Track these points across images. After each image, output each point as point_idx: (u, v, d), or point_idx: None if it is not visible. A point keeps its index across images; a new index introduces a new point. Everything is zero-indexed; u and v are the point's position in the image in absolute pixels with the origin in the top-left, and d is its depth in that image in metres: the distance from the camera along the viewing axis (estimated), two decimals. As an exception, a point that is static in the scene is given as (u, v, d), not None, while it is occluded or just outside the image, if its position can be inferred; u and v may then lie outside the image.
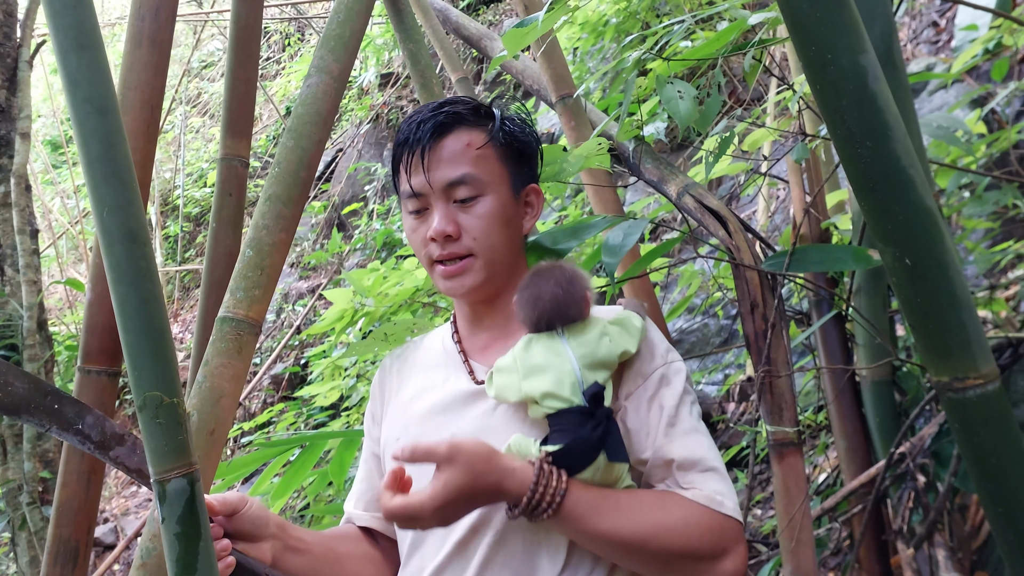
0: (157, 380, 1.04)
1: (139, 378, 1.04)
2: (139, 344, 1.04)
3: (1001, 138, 2.50)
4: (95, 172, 1.04)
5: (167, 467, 1.04)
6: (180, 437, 1.04)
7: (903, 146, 1.19)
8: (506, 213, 1.38)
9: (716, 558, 1.19)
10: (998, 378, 1.24)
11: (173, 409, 1.04)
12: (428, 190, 1.35)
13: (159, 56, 1.83)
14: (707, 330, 4.47)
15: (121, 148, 1.06)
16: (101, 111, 1.05)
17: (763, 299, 1.76)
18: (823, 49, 1.18)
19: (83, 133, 1.05)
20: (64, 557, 1.78)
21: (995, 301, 2.53)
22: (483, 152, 1.37)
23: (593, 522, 1.16)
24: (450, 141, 1.36)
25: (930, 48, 4.87)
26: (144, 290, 1.05)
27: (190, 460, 1.06)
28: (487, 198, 1.35)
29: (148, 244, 1.08)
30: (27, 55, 3.73)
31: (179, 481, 1.05)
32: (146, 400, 1.02)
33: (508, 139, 1.40)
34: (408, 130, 1.38)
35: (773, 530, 3.01)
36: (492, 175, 1.37)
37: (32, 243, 3.71)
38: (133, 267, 1.05)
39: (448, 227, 1.33)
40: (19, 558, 3.63)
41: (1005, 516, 1.27)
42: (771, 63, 2.18)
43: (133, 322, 1.05)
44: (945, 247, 1.22)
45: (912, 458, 2.13)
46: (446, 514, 1.14)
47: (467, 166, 1.35)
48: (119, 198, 1.05)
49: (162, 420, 1.03)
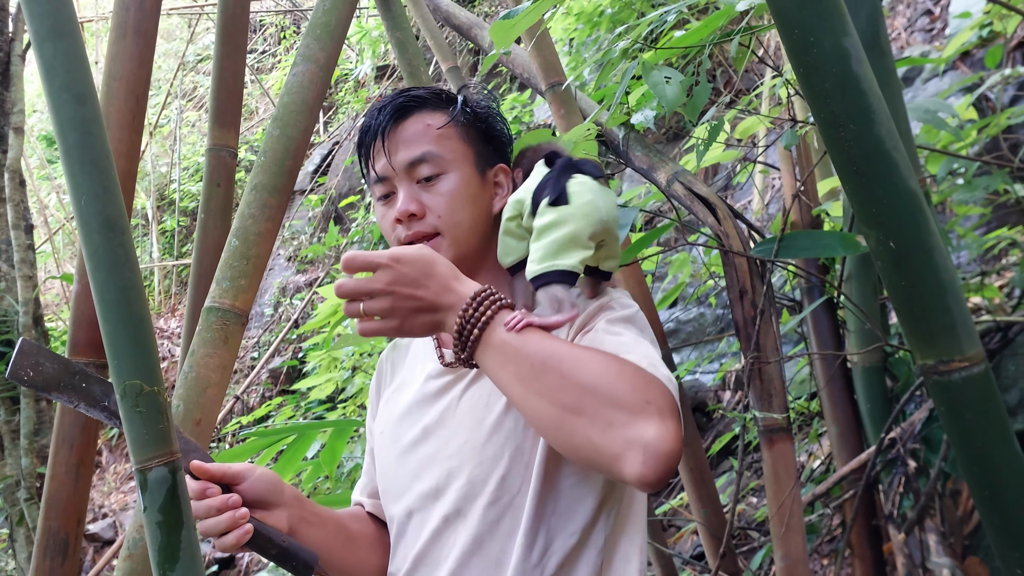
0: (137, 368, 1.03)
1: (119, 367, 1.03)
2: (118, 332, 1.03)
3: (991, 124, 2.49)
4: (72, 160, 1.03)
5: (148, 455, 1.03)
6: (161, 426, 1.03)
7: (887, 129, 1.19)
8: (470, 191, 1.37)
9: (639, 412, 1.04)
10: (984, 361, 1.23)
11: (154, 398, 1.02)
12: (391, 172, 1.35)
13: (144, 46, 1.82)
14: (702, 320, 4.47)
15: (99, 136, 1.05)
16: (78, 99, 1.03)
17: (752, 286, 1.76)
18: (806, 32, 1.18)
19: (60, 121, 1.04)
20: (54, 550, 1.78)
21: (987, 287, 2.53)
22: (444, 132, 1.36)
23: (520, 341, 1.10)
24: (410, 123, 1.36)
25: (924, 36, 4.87)
26: (123, 278, 1.04)
27: (171, 448, 1.05)
28: (450, 176, 1.35)
29: (127, 232, 1.07)
30: (19, 49, 3.72)
31: (160, 470, 1.04)
32: (126, 388, 1.02)
33: (471, 119, 1.40)
34: (370, 117, 1.38)
35: (766, 518, 3.02)
36: (454, 153, 1.36)
37: (27, 238, 3.71)
38: (112, 255, 1.04)
39: (411, 206, 1.32)
40: (17, 554, 3.64)
41: (991, 499, 1.27)
42: (764, 52, 2.18)
43: (112, 310, 1.03)
44: (930, 230, 1.21)
45: (903, 443, 2.13)
46: (396, 294, 1.12)
47: (427, 144, 1.34)
48: (97, 186, 1.03)
49: (142, 409, 1.02)
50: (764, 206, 4.45)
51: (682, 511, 3.45)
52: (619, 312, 1.28)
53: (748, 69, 3.80)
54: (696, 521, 2.25)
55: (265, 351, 7.23)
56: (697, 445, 2.26)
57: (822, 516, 2.57)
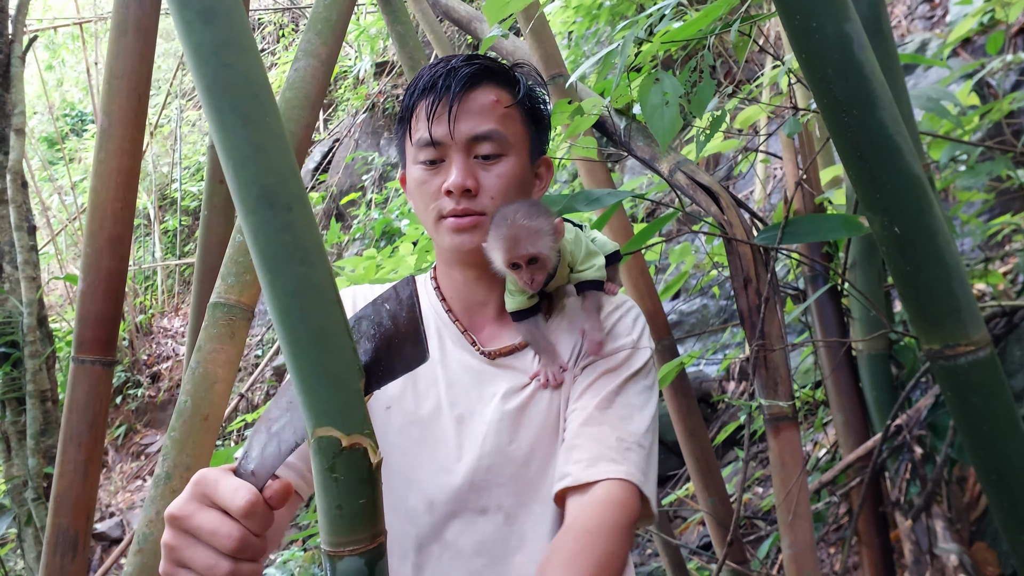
0: (329, 410, 0.73)
1: (312, 406, 0.74)
2: (304, 355, 0.74)
3: (994, 109, 2.49)
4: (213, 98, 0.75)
5: (341, 539, 0.76)
6: (362, 500, 0.75)
7: (890, 114, 1.18)
8: (523, 178, 1.32)
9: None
10: (990, 345, 1.23)
11: (356, 459, 0.73)
12: (449, 141, 1.27)
13: (145, 44, 1.82)
14: (706, 311, 4.47)
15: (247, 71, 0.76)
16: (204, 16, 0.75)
17: (756, 274, 1.76)
18: (808, 17, 1.17)
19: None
20: (64, 547, 1.79)
21: (991, 273, 2.53)
22: (510, 112, 1.31)
23: None
24: (479, 94, 1.29)
25: (925, 24, 4.86)
26: (296, 275, 0.74)
27: (375, 531, 0.77)
28: (509, 159, 1.29)
29: (299, 207, 0.75)
30: (19, 50, 3.72)
31: (353, 561, 0.77)
32: (320, 443, 0.73)
33: (532, 103, 1.35)
34: (435, 76, 1.29)
35: (773, 506, 3.02)
36: (516, 136, 1.31)
37: (30, 239, 3.70)
38: (276, 241, 0.73)
39: (468, 181, 1.25)
40: (26, 554, 3.64)
41: (998, 483, 1.27)
42: (765, 41, 2.17)
43: (297, 321, 0.74)
44: (934, 215, 1.21)
45: (909, 430, 2.13)
46: None
47: (494, 122, 1.28)
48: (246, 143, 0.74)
49: (340, 475, 0.73)
50: (766, 196, 4.45)
51: (688, 501, 3.45)
52: (638, 364, 1.31)
53: (747, 59, 3.79)
54: (703, 511, 2.25)
55: (269, 348, 7.24)
56: (703, 435, 2.26)
57: (828, 504, 2.57)
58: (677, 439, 2.27)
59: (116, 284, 1.85)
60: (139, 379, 8.52)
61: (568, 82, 1.97)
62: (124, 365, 8.52)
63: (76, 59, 11.14)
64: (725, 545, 1.95)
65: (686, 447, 2.24)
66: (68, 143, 10.87)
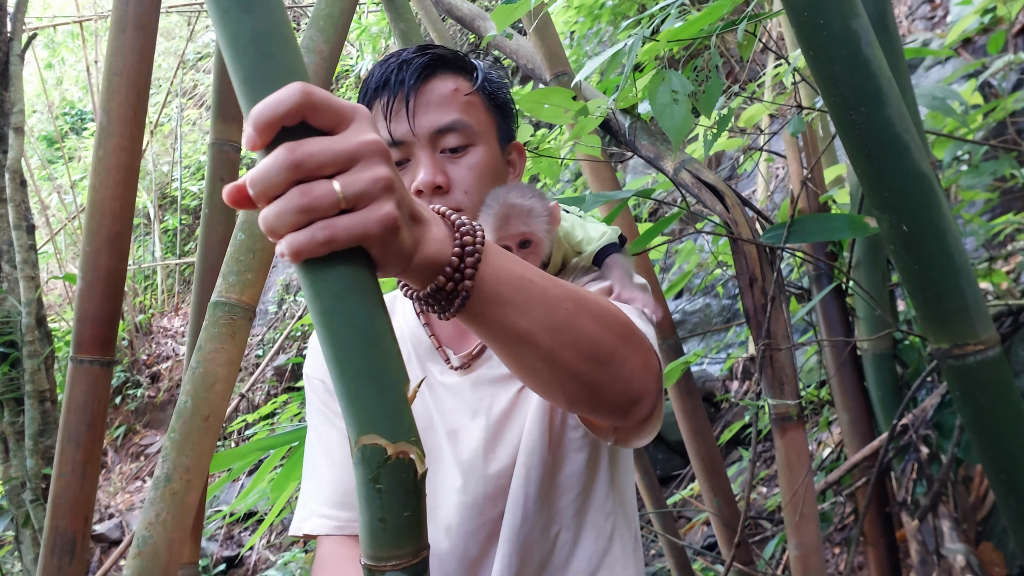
0: (374, 416, 0.69)
1: (356, 411, 0.69)
2: (349, 359, 0.69)
3: (998, 108, 2.48)
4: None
5: (383, 553, 0.72)
6: (406, 513, 0.71)
7: (897, 111, 1.17)
8: (495, 167, 1.24)
9: (628, 362, 0.93)
10: (998, 344, 1.22)
11: (402, 470, 0.69)
12: (412, 138, 1.18)
13: (144, 41, 1.81)
14: (709, 310, 4.46)
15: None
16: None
17: (762, 273, 1.75)
18: (815, 14, 1.17)
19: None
20: (61, 549, 1.77)
21: (995, 272, 2.52)
22: (471, 99, 1.22)
23: (518, 273, 0.84)
24: (436, 84, 1.20)
25: (926, 24, 4.85)
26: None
27: (419, 545, 0.73)
28: (477, 148, 1.21)
29: None
30: (18, 49, 3.70)
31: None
32: (365, 452, 0.69)
33: (493, 88, 1.27)
34: (386, 72, 1.20)
35: (778, 506, 3.01)
36: (481, 124, 1.22)
37: (29, 239, 3.69)
38: None
39: (438, 177, 1.16)
40: (23, 556, 3.63)
41: (1007, 483, 1.26)
42: (767, 39, 2.16)
43: (339, 323, 0.69)
44: (942, 213, 1.20)
45: (915, 430, 2.12)
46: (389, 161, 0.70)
47: (457, 112, 1.19)
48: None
49: (383, 486, 0.69)
50: (769, 195, 4.44)
51: (693, 502, 3.44)
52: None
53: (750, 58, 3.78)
54: (708, 511, 2.24)
55: (270, 348, 7.23)
56: (708, 435, 2.25)
57: (834, 504, 2.56)
58: (682, 438, 2.26)
59: (115, 283, 1.83)
60: (139, 379, 8.51)
61: (573, 82, 1.96)
62: (123, 365, 8.51)
63: (76, 57, 11.14)
64: (732, 546, 1.94)
65: (691, 447, 2.22)
66: (67, 142, 10.86)
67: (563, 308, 0.85)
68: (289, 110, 0.64)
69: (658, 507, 2.48)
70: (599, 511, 1.24)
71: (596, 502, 1.24)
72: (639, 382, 0.94)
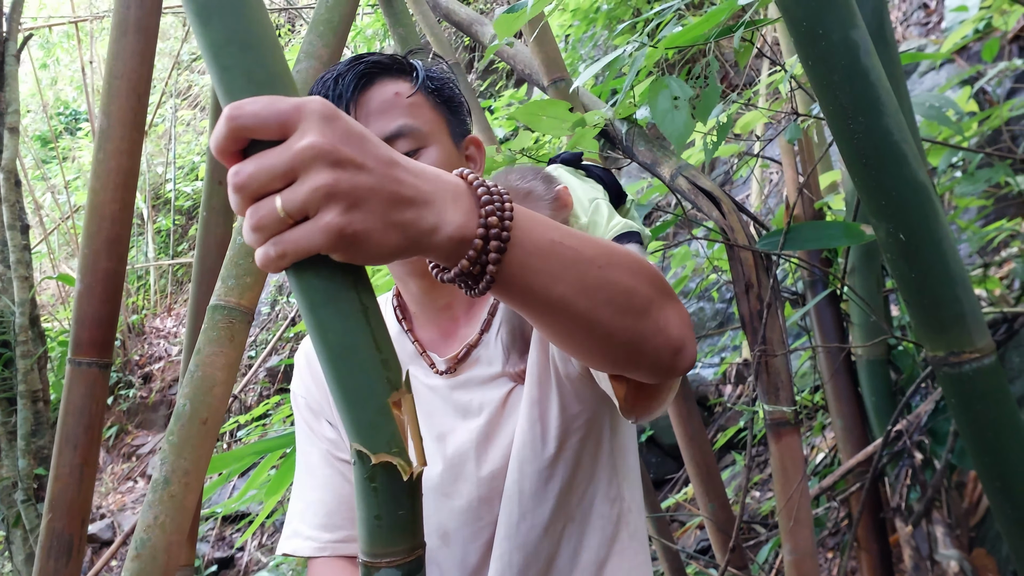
0: (357, 427, 0.70)
1: (352, 410, 0.71)
2: (329, 373, 0.70)
3: (993, 115, 2.49)
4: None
5: (378, 550, 0.74)
6: (401, 511, 0.73)
7: (895, 121, 1.18)
8: (452, 165, 1.17)
9: (664, 309, 0.89)
10: (994, 352, 1.23)
11: (396, 470, 0.71)
12: None
13: (145, 44, 1.81)
14: (703, 314, 4.47)
15: None
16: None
17: (758, 279, 1.76)
18: (814, 23, 1.17)
19: None
20: (58, 551, 1.77)
21: (989, 279, 2.53)
22: (415, 100, 1.17)
23: (548, 238, 0.79)
24: (375, 92, 1.16)
25: (920, 30, 4.87)
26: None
27: (414, 543, 0.75)
28: (430, 150, 1.16)
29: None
30: (13, 49, 3.70)
31: (390, 573, 0.74)
32: (359, 454, 0.71)
33: (437, 85, 1.22)
34: (323, 88, 1.16)
35: (772, 511, 3.02)
36: (430, 124, 1.18)
37: (23, 239, 3.68)
38: None
39: None
40: (14, 556, 3.62)
41: (1002, 490, 1.27)
42: (763, 45, 2.17)
43: (320, 337, 0.70)
44: (939, 222, 1.21)
45: (909, 436, 2.13)
46: (341, 161, 0.65)
47: (401, 116, 1.15)
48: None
49: (378, 484, 0.71)
50: (763, 200, 4.45)
51: (687, 505, 3.45)
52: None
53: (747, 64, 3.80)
54: (703, 515, 2.24)
55: (262, 349, 7.22)
56: (703, 439, 2.25)
57: (828, 509, 2.57)
58: (676, 442, 2.26)
59: (114, 286, 1.84)
60: (131, 380, 8.49)
61: (572, 87, 1.97)
62: (116, 365, 8.49)
63: (71, 58, 11.12)
64: (726, 551, 1.95)
65: (686, 451, 2.23)
66: (62, 142, 10.83)
67: (596, 266, 0.82)
68: (223, 144, 0.65)
69: (652, 511, 2.49)
70: (604, 499, 1.23)
71: (600, 490, 1.23)
72: (677, 330, 0.90)
